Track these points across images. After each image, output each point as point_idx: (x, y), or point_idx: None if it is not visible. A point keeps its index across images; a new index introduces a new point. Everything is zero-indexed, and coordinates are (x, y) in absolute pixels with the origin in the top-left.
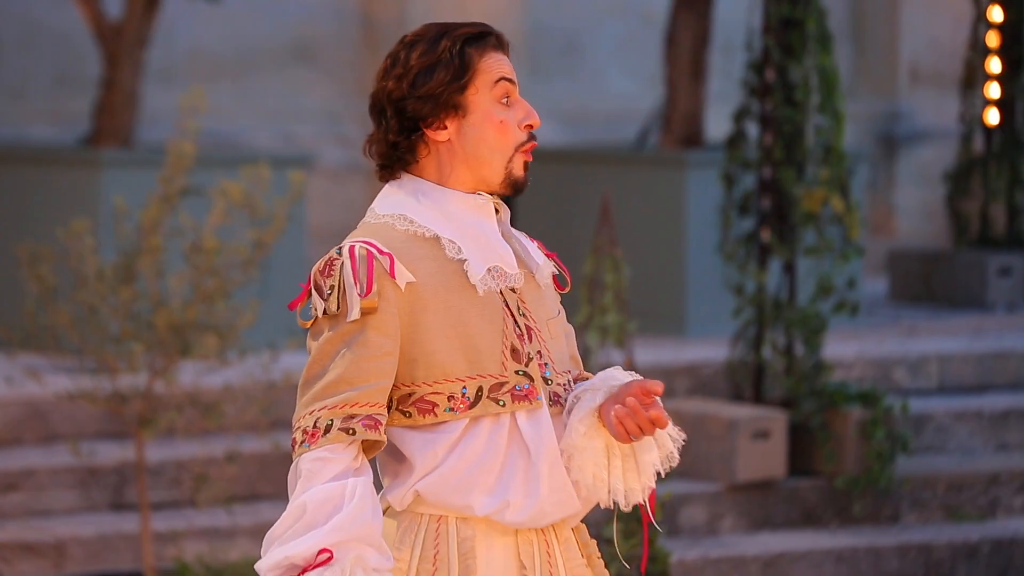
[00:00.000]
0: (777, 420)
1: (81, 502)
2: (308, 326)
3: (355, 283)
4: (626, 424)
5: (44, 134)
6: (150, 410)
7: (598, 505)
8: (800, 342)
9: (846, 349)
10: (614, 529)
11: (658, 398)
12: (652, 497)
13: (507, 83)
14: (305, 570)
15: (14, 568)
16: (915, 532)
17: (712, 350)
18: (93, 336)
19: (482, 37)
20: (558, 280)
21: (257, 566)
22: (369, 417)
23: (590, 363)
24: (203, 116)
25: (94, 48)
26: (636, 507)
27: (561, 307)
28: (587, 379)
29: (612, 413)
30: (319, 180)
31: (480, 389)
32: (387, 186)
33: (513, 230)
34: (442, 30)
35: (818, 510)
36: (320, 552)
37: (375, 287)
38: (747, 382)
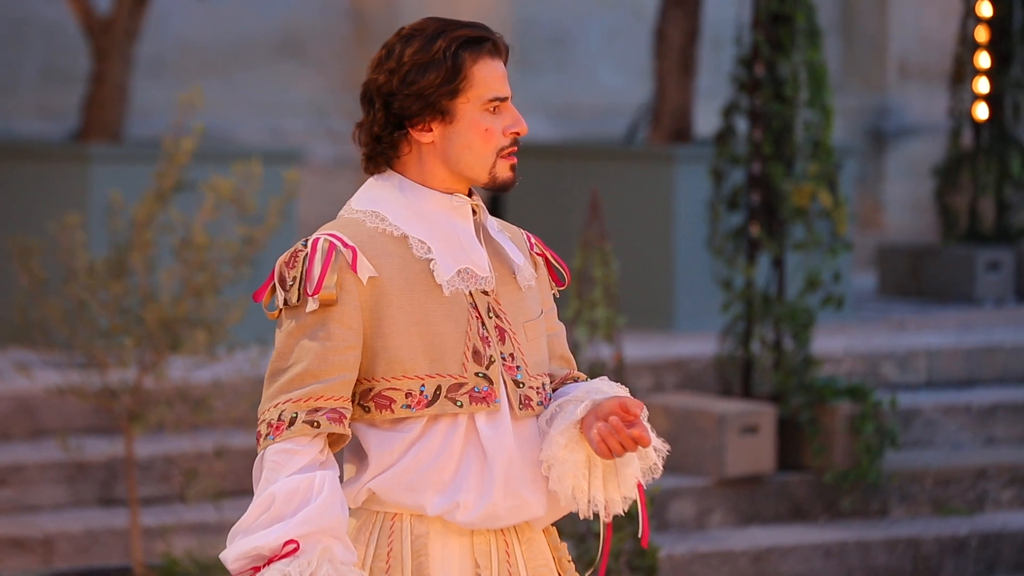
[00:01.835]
0: (766, 415)
1: (70, 497)
2: (275, 317)
3: (314, 276)
4: (609, 442)
5: (33, 128)
6: (139, 405)
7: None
8: (789, 337)
9: (835, 344)
10: (602, 524)
11: (643, 414)
12: (643, 505)
13: (498, 102)
14: (271, 560)
15: (2, 563)
16: (903, 526)
17: (701, 345)
18: (83, 331)
19: (479, 42)
20: (557, 276)
21: (222, 556)
22: (334, 411)
23: (579, 357)
24: (198, 112)
25: (83, 42)
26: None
27: (553, 306)
28: (577, 380)
29: (594, 431)
30: (308, 175)
31: (439, 388)
32: (368, 180)
33: (498, 229)
34: (440, 28)
35: (807, 504)
36: (287, 543)
37: (335, 279)
38: (736, 377)
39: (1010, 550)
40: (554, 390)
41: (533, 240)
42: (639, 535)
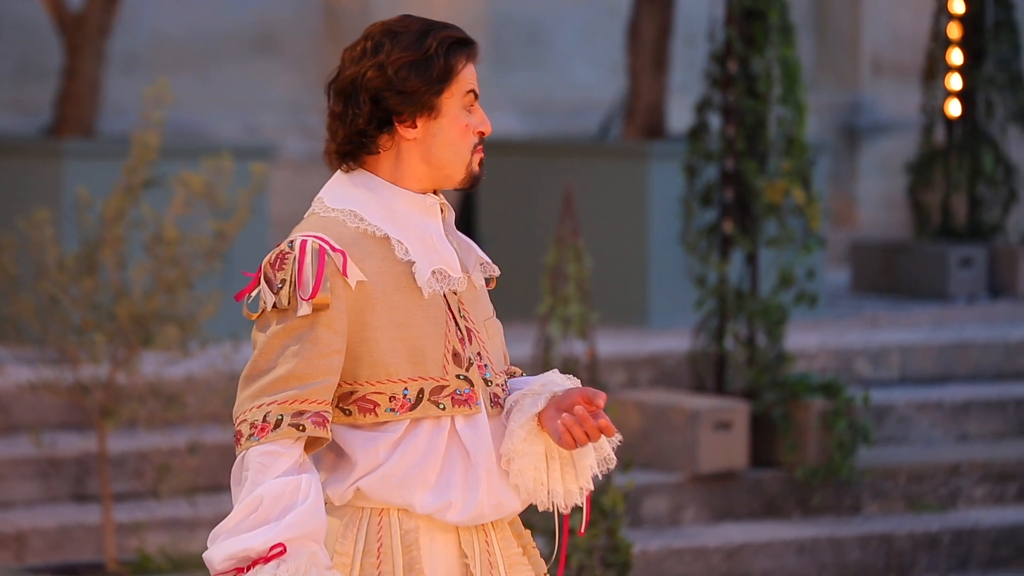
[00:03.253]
0: (739, 411)
1: (42, 493)
2: (255, 318)
3: (307, 279)
4: (574, 432)
5: (5, 124)
6: (112, 401)
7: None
8: (762, 333)
9: (808, 340)
10: (582, 519)
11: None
12: (588, 496)
13: (473, 96)
14: (257, 562)
15: None
16: (876, 522)
17: (674, 341)
18: (55, 326)
19: (466, 44)
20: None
21: (207, 556)
22: (318, 414)
23: (552, 353)
24: (166, 106)
25: (56, 37)
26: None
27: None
28: (516, 374)
29: (559, 422)
30: (282, 171)
31: (421, 391)
32: (337, 176)
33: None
34: (426, 27)
35: (779, 501)
36: (274, 547)
37: (327, 284)
38: (709, 373)
39: (982, 546)
40: None
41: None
42: (580, 525)
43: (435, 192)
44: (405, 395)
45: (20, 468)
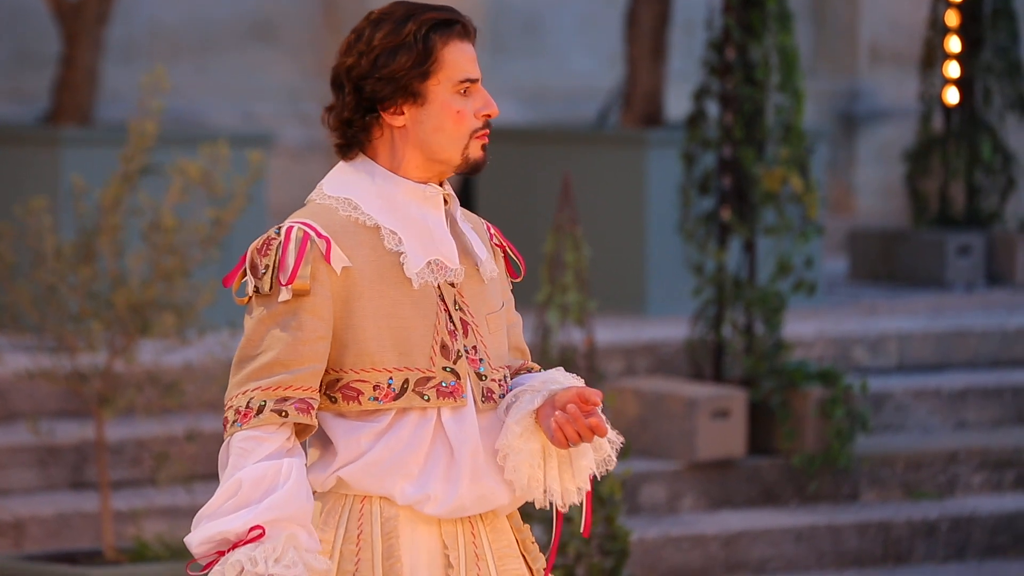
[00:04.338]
0: (737, 399)
1: (40, 481)
2: (244, 303)
3: (288, 264)
4: (565, 431)
5: (3, 112)
6: (110, 389)
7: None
8: (760, 321)
9: (806, 328)
10: (555, 514)
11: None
12: (589, 497)
13: (468, 83)
14: (236, 545)
15: None
16: (874, 510)
17: (672, 329)
18: (52, 315)
19: (449, 24)
20: (512, 268)
21: (187, 539)
22: (302, 400)
23: (550, 342)
24: (163, 94)
25: (54, 25)
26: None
27: (511, 297)
28: (532, 371)
29: (552, 420)
30: (279, 159)
31: (406, 381)
32: (340, 164)
33: (462, 219)
34: (410, 11)
35: (777, 489)
36: (252, 529)
37: (308, 270)
38: (707, 361)
39: (980, 534)
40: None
41: (493, 231)
42: (581, 527)
43: (441, 184)
44: (390, 384)
45: (18, 456)
